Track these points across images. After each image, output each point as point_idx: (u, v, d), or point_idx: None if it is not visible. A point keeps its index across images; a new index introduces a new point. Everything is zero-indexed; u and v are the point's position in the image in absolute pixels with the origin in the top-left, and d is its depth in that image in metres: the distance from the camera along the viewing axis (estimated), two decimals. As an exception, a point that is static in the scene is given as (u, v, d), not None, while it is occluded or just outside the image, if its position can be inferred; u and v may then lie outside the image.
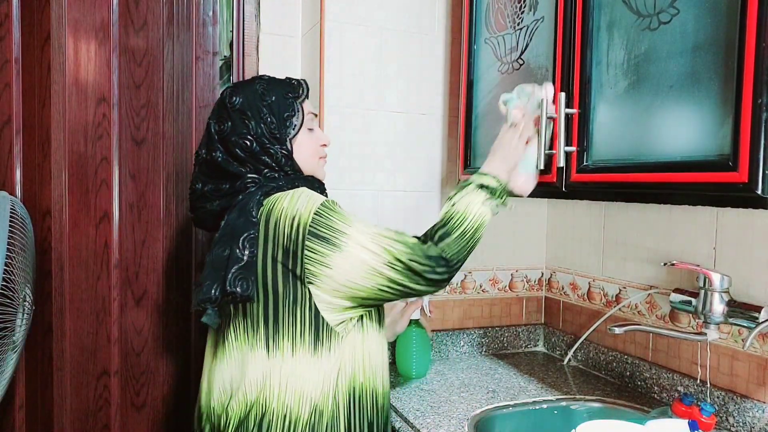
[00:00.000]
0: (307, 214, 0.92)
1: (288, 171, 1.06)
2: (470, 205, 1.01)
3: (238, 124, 1.04)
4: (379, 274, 0.93)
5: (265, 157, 1.04)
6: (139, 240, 1.57)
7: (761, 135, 0.73)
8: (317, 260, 0.91)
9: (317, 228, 0.92)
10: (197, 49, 1.57)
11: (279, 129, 1.05)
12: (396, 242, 0.94)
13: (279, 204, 0.95)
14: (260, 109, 1.05)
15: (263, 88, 1.07)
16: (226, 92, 1.08)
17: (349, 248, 0.92)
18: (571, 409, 1.31)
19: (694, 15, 0.84)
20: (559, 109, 1.04)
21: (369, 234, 0.94)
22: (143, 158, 1.56)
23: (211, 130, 1.07)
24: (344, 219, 0.94)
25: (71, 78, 1.48)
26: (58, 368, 1.51)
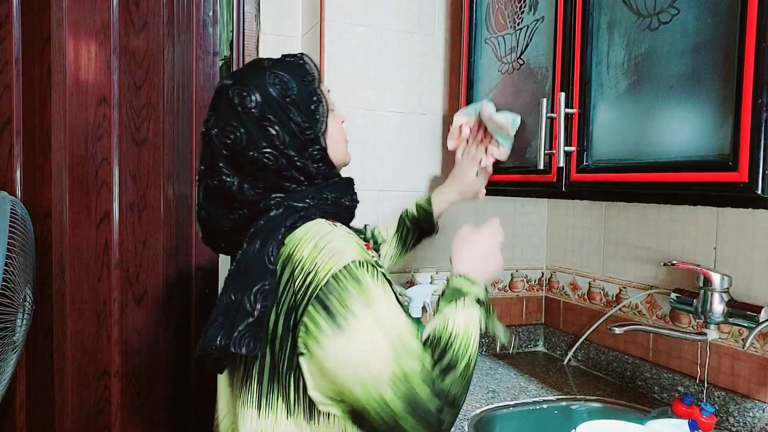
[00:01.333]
0: (323, 274, 0.75)
1: (318, 180, 0.89)
2: (469, 327, 0.82)
3: (256, 134, 0.84)
4: (374, 388, 0.73)
5: (292, 171, 0.86)
6: (140, 240, 1.57)
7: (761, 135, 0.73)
8: (313, 334, 0.75)
9: (328, 296, 0.74)
10: (197, 49, 1.57)
11: (311, 127, 0.87)
12: (413, 353, 0.74)
13: (300, 251, 0.78)
14: (285, 108, 0.85)
15: (278, 78, 0.86)
16: (231, 91, 0.85)
17: (353, 336, 0.73)
18: (571, 409, 1.31)
19: (694, 15, 0.84)
20: (559, 108, 1.04)
21: (387, 326, 0.74)
22: (143, 159, 1.56)
23: (213, 142, 0.85)
24: (365, 295, 0.75)
25: (71, 79, 1.48)
26: (58, 368, 1.51)
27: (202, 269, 1.59)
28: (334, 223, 0.85)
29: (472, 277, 0.89)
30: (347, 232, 0.83)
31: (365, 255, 0.80)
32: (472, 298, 0.86)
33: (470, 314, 0.84)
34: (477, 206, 1.67)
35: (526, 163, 1.22)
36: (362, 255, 0.79)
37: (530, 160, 1.21)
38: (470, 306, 0.85)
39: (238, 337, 0.76)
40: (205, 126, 0.88)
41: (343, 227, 0.85)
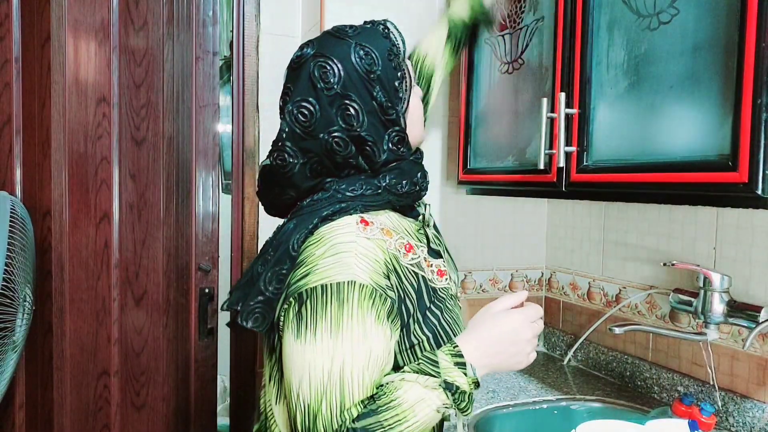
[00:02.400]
0: (316, 279, 0.73)
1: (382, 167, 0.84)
2: (419, 405, 0.72)
3: (332, 114, 0.79)
4: (292, 401, 0.73)
5: (359, 159, 0.82)
6: (139, 240, 1.57)
7: (761, 135, 0.73)
8: (283, 319, 0.76)
9: (306, 300, 0.73)
10: (197, 49, 1.57)
11: (393, 106, 0.81)
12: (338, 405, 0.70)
13: (315, 247, 0.76)
14: (369, 84, 0.79)
15: (364, 51, 0.80)
16: (311, 64, 0.79)
17: (301, 350, 0.72)
18: (571, 409, 1.31)
19: (694, 15, 0.84)
20: (559, 108, 1.04)
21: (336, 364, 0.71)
22: (143, 158, 1.56)
23: (287, 119, 0.80)
24: (338, 321, 0.71)
25: (71, 78, 1.48)
26: (58, 368, 1.51)
27: (202, 269, 1.59)
28: (366, 226, 0.79)
29: (466, 358, 0.76)
30: (376, 244, 0.77)
31: (375, 278, 0.74)
32: (440, 381, 0.73)
33: (427, 396, 0.73)
34: (477, 205, 1.67)
35: (526, 163, 1.22)
36: (371, 277, 0.74)
37: (530, 160, 1.21)
38: (434, 387, 0.73)
39: (248, 311, 0.78)
40: (283, 100, 0.84)
41: (380, 230, 0.80)
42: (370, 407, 0.71)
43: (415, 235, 0.88)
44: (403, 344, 0.79)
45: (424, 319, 0.81)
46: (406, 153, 0.85)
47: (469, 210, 1.67)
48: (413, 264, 0.83)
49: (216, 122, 1.60)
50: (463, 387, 0.74)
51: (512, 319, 0.81)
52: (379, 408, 0.71)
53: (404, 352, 0.79)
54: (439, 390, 0.73)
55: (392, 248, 0.80)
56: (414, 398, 0.72)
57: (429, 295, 0.84)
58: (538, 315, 0.83)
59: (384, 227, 0.81)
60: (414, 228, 0.90)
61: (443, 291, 0.88)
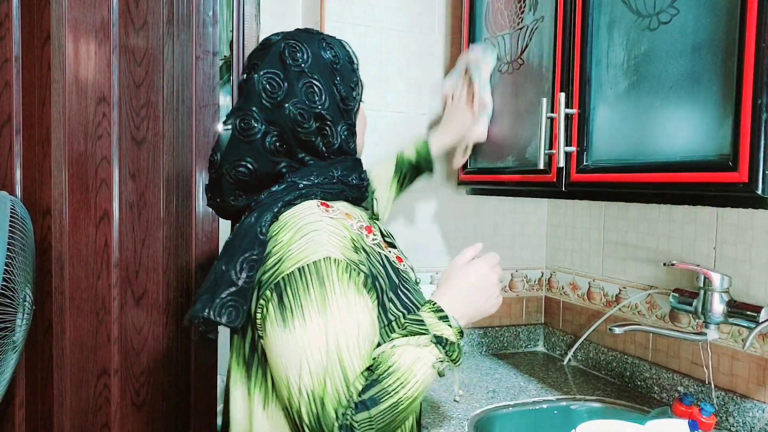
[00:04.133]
0: (291, 263, 0.73)
1: (333, 155, 0.88)
2: (417, 365, 0.75)
3: (297, 89, 0.83)
4: (292, 393, 0.72)
5: (318, 138, 0.85)
6: (139, 239, 1.57)
7: (761, 135, 0.73)
8: (264, 318, 0.75)
9: (286, 287, 0.72)
10: (197, 49, 1.57)
11: (348, 99, 0.88)
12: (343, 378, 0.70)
13: (282, 233, 0.77)
14: (333, 72, 0.86)
15: (329, 46, 0.87)
16: (281, 44, 0.84)
17: (293, 337, 0.71)
18: (571, 409, 1.31)
19: (694, 15, 0.84)
20: (559, 108, 1.04)
21: (331, 340, 0.71)
22: (143, 158, 1.56)
23: (254, 86, 0.83)
24: (323, 298, 0.72)
25: (71, 77, 1.48)
26: (58, 367, 1.51)
27: (202, 268, 1.59)
28: (327, 208, 0.82)
29: (447, 312, 0.80)
30: (340, 224, 0.80)
31: (347, 253, 0.76)
32: (430, 337, 0.76)
33: (421, 354, 0.75)
34: (477, 205, 1.67)
35: (526, 163, 1.22)
36: (342, 253, 0.75)
37: (530, 160, 1.21)
38: (426, 344, 0.76)
39: (220, 305, 0.75)
40: (247, 73, 0.87)
41: (341, 212, 0.83)
42: (371, 378, 0.72)
43: (369, 222, 0.92)
44: (381, 321, 0.80)
45: (397, 297, 0.83)
46: (353, 149, 0.91)
47: (469, 210, 1.67)
48: (375, 244, 0.86)
49: (216, 122, 1.60)
50: (451, 338, 0.78)
51: (477, 267, 0.86)
52: (380, 376, 0.72)
53: (383, 329, 0.80)
54: (431, 345, 0.76)
55: (355, 228, 0.83)
56: (410, 359, 0.74)
57: (396, 274, 0.87)
58: (496, 260, 0.90)
59: (344, 210, 0.85)
60: (365, 216, 0.94)
61: (406, 273, 0.91)
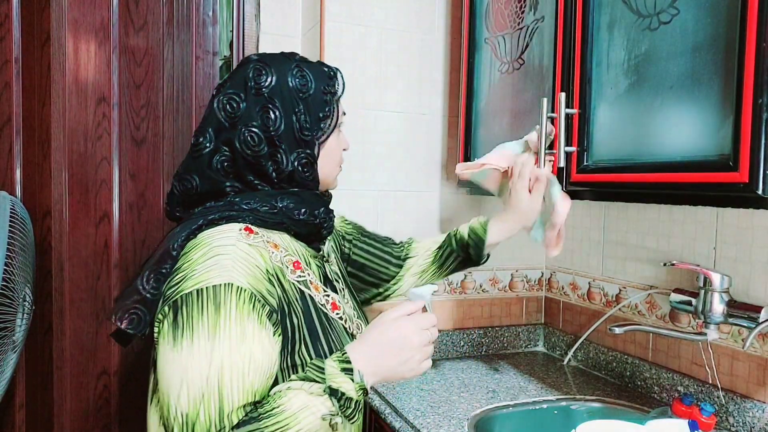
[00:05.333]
0: (191, 284, 0.71)
1: (284, 183, 0.86)
2: (303, 413, 0.70)
3: (254, 112, 0.83)
4: (169, 412, 0.70)
5: (268, 163, 0.84)
6: (139, 240, 1.57)
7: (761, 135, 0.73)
8: (158, 333, 0.73)
9: (182, 306, 0.70)
10: (197, 49, 1.57)
11: (311, 130, 0.86)
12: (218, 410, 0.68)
13: (193, 251, 0.76)
14: (295, 101, 0.85)
15: (301, 74, 0.86)
16: (250, 66, 0.85)
17: (178, 357, 0.69)
18: (571, 409, 1.31)
19: (694, 15, 0.84)
20: (559, 109, 1.04)
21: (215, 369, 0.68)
22: (143, 158, 1.56)
23: (214, 105, 0.85)
24: (215, 325, 0.69)
25: (71, 78, 1.48)
26: (57, 368, 1.51)
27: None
28: (250, 233, 0.79)
29: (354, 365, 0.75)
30: (257, 251, 0.77)
31: (254, 282, 0.73)
32: (324, 387, 0.72)
33: (311, 403, 0.71)
34: (478, 205, 1.67)
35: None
36: (248, 282, 0.73)
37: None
38: (319, 394, 0.71)
39: (123, 309, 0.75)
40: (216, 90, 0.88)
41: (265, 240, 0.80)
42: (251, 414, 0.70)
43: (305, 259, 0.88)
44: (285, 362, 0.77)
45: (313, 343, 0.80)
46: (308, 178, 0.87)
47: (469, 210, 1.67)
48: (299, 281, 0.83)
49: (216, 122, 1.60)
50: (349, 393, 0.73)
51: (401, 325, 0.79)
52: (260, 415, 0.69)
53: (286, 370, 0.77)
54: (324, 396, 0.71)
55: (277, 260, 0.80)
56: (298, 405, 0.70)
57: (320, 318, 0.83)
58: (430, 323, 0.82)
59: (271, 241, 0.82)
60: (307, 253, 0.89)
61: (335, 322, 0.86)
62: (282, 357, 0.77)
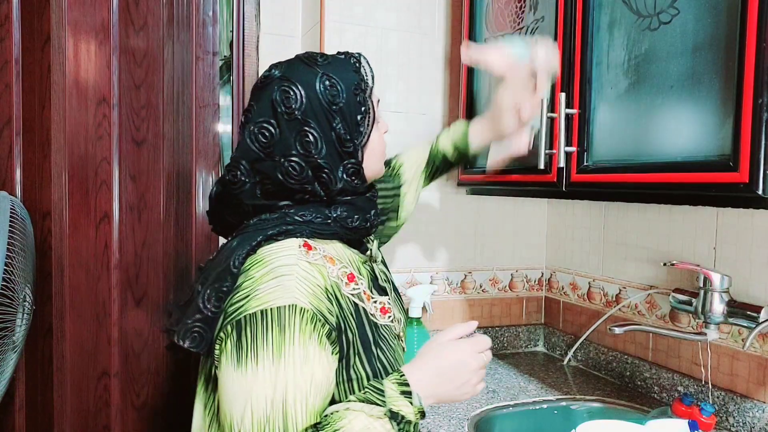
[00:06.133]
0: (255, 304, 0.71)
1: (338, 197, 0.84)
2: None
3: (291, 138, 0.79)
4: (228, 425, 0.70)
5: (314, 185, 0.81)
6: (139, 241, 1.57)
7: (762, 135, 0.73)
8: (221, 351, 0.73)
9: (246, 327, 0.70)
10: (197, 49, 1.57)
11: (352, 139, 0.82)
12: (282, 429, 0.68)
13: (255, 269, 0.75)
14: (330, 114, 0.80)
15: (330, 83, 0.81)
16: (275, 87, 0.81)
17: (243, 378, 0.69)
18: (571, 409, 1.31)
19: (694, 15, 0.84)
20: (559, 108, 1.04)
21: (278, 392, 0.69)
22: (143, 159, 1.56)
23: (245, 137, 0.81)
24: (280, 347, 0.69)
25: (71, 79, 1.48)
26: (58, 369, 1.50)
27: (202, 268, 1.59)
28: (309, 250, 0.79)
29: (413, 388, 0.76)
30: (317, 270, 0.77)
31: (315, 302, 0.73)
32: (385, 410, 0.73)
33: (372, 426, 0.72)
34: (477, 205, 1.67)
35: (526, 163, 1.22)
36: (310, 302, 0.73)
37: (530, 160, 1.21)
38: (379, 416, 0.72)
39: (185, 329, 0.75)
40: (245, 116, 0.84)
41: (323, 256, 0.80)
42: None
43: (357, 267, 0.87)
44: (341, 376, 0.77)
45: (366, 355, 0.80)
46: (359, 185, 0.85)
47: (469, 210, 1.67)
48: (354, 294, 0.82)
49: (216, 122, 1.60)
50: (408, 416, 0.73)
51: (459, 349, 0.80)
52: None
53: (342, 384, 0.78)
54: (385, 419, 0.72)
55: (334, 275, 0.79)
56: (359, 428, 0.71)
57: (372, 329, 0.83)
58: (485, 346, 0.83)
59: (327, 254, 0.81)
60: (359, 260, 0.89)
61: (386, 329, 0.86)
62: (338, 372, 0.77)
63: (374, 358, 0.80)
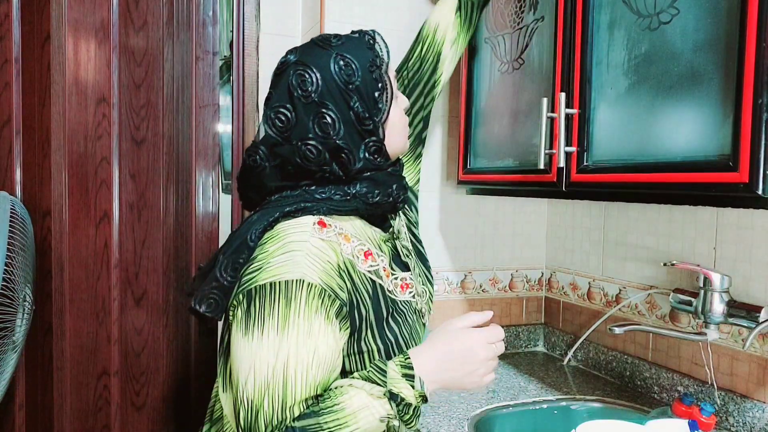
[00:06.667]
0: (265, 276, 0.74)
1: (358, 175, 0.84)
2: (362, 412, 0.72)
3: (308, 121, 0.80)
4: (236, 394, 0.73)
5: (333, 165, 0.82)
6: (139, 240, 1.57)
7: (761, 135, 0.73)
8: (231, 317, 0.77)
9: (255, 297, 0.73)
10: (197, 49, 1.57)
11: (371, 117, 0.82)
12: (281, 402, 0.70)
13: (270, 243, 0.77)
14: (347, 94, 0.81)
15: (344, 61, 0.81)
16: (290, 71, 0.82)
17: (249, 345, 0.72)
18: (571, 409, 1.31)
19: (694, 15, 0.84)
20: (559, 108, 1.04)
21: (281, 361, 0.71)
22: (143, 158, 1.56)
23: (266, 122, 0.83)
24: (285, 319, 0.71)
25: (71, 78, 1.48)
26: (58, 368, 1.50)
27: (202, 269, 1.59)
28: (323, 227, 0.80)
29: (416, 371, 0.76)
30: (330, 246, 0.78)
31: (325, 278, 0.75)
32: (384, 390, 0.74)
33: (371, 404, 0.73)
34: (477, 205, 1.67)
35: (526, 163, 1.22)
36: (320, 277, 0.74)
37: (530, 160, 1.21)
38: (379, 396, 0.73)
39: (202, 295, 0.79)
40: (265, 103, 0.86)
41: (337, 233, 0.81)
42: (313, 408, 0.72)
43: (377, 244, 0.88)
44: (352, 348, 0.79)
45: (379, 330, 0.81)
46: (382, 163, 0.86)
47: (469, 210, 1.67)
48: (371, 271, 0.83)
49: (216, 122, 1.60)
50: (408, 399, 0.74)
51: (469, 337, 0.81)
52: (321, 410, 0.71)
53: (352, 356, 0.79)
54: (384, 399, 0.73)
55: (348, 253, 0.81)
56: (358, 405, 0.72)
57: (387, 305, 0.83)
58: (498, 337, 0.83)
59: (343, 232, 0.82)
60: (379, 237, 0.90)
61: (404, 304, 0.87)
62: (349, 343, 0.79)
63: (385, 333, 0.81)
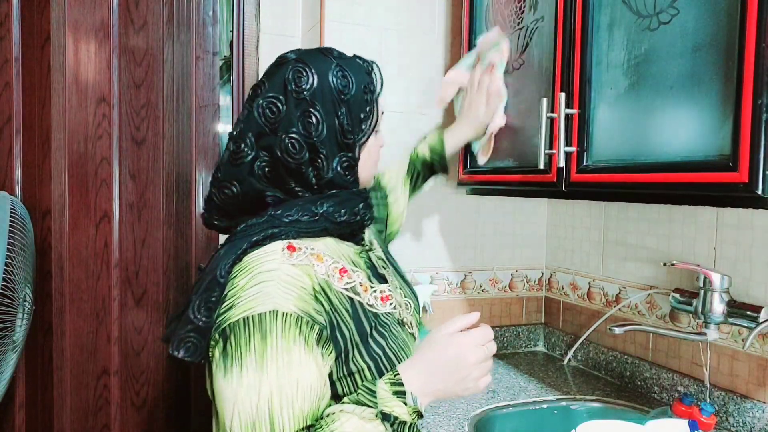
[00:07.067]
0: (238, 312, 0.72)
1: (324, 188, 0.84)
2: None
3: (294, 117, 0.80)
4: (222, 427, 0.72)
5: (309, 170, 0.82)
6: (139, 240, 1.57)
7: (761, 135, 0.73)
8: (210, 357, 0.75)
9: (230, 335, 0.71)
10: (197, 49, 1.57)
11: (353, 133, 0.84)
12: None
13: (240, 277, 0.75)
14: (337, 103, 0.82)
15: (342, 73, 0.84)
16: (289, 67, 0.83)
17: (229, 384, 0.70)
18: (571, 409, 1.31)
19: (694, 15, 0.84)
20: (559, 108, 1.04)
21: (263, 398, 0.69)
22: (143, 158, 1.56)
23: (253, 111, 0.82)
24: (262, 354, 0.70)
25: (71, 78, 1.48)
26: (58, 368, 1.51)
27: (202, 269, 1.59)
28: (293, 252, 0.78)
29: (407, 387, 0.74)
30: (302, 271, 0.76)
31: (301, 305, 0.73)
32: (375, 412, 0.72)
33: (364, 428, 0.71)
34: (477, 205, 1.67)
35: (526, 163, 1.22)
36: (296, 305, 0.72)
37: (530, 160, 1.21)
38: (370, 418, 0.72)
39: (179, 341, 0.76)
40: (254, 90, 0.85)
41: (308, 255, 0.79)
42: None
43: (352, 260, 0.86)
44: (341, 371, 0.77)
45: (365, 347, 0.79)
46: (350, 181, 0.85)
47: (469, 210, 1.67)
48: (348, 288, 0.82)
49: (216, 122, 1.60)
50: (402, 417, 0.73)
51: (456, 343, 0.79)
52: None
53: (343, 379, 0.77)
54: (377, 421, 0.72)
55: (322, 273, 0.79)
56: (350, 429, 0.70)
57: (369, 320, 0.82)
58: (487, 338, 0.81)
59: (315, 252, 0.81)
60: (354, 252, 0.89)
61: (387, 316, 0.85)
62: (337, 367, 0.77)
63: (372, 348, 0.80)
